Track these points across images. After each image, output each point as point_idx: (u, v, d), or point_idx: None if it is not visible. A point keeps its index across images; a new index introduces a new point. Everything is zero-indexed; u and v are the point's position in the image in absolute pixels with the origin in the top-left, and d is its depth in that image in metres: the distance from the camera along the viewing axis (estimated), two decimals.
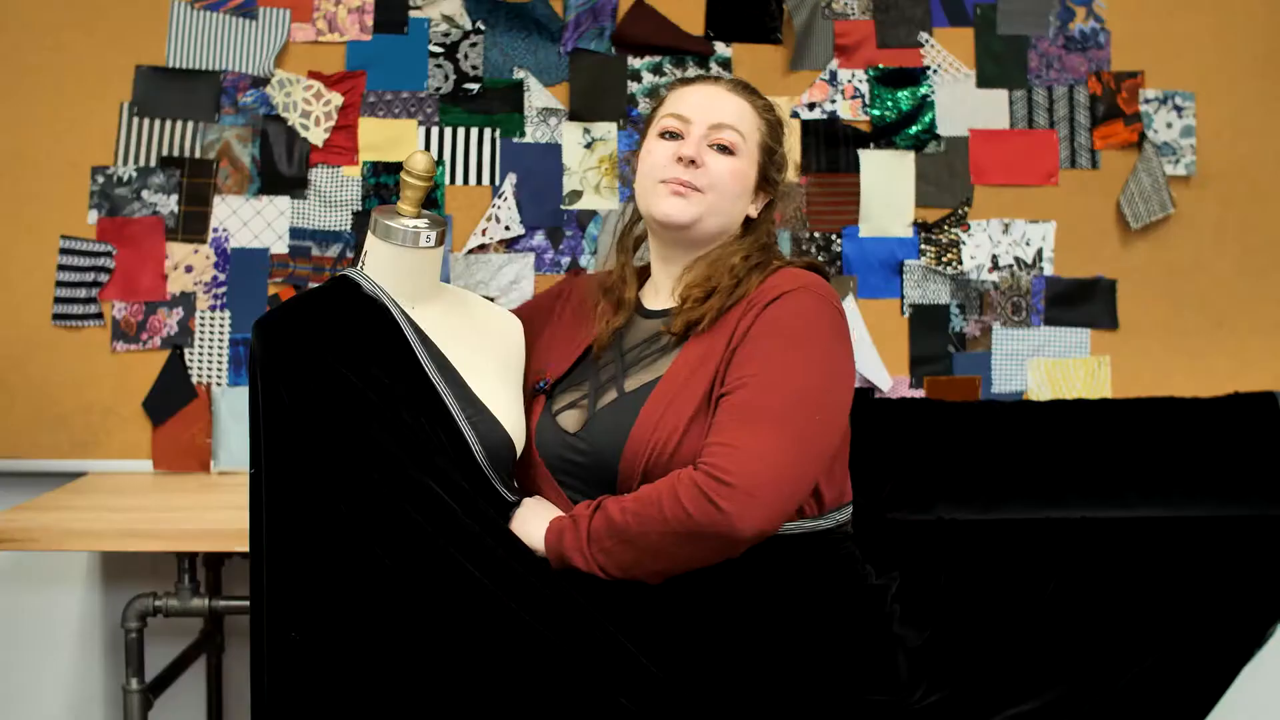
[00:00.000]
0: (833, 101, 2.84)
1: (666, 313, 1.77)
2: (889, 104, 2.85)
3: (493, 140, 2.82)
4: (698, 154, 1.72)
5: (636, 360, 1.74)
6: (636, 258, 1.89)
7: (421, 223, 1.62)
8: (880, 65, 2.86)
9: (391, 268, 1.62)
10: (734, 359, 1.62)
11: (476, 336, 1.76)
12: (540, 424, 1.76)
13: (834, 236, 2.83)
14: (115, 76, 2.76)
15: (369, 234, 1.64)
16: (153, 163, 2.76)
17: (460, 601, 1.48)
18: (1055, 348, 2.84)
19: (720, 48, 2.85)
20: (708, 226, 1.75)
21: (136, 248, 2.75)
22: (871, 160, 2.84)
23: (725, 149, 1.74)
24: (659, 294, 1.83)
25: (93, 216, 2.75)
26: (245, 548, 2.19)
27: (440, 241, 1.65)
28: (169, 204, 2.76)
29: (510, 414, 1.71)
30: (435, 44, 2.82)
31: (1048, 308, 2.84)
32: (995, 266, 2.84)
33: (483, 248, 2.79)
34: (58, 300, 2.73)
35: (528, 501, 1.68)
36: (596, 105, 2.83)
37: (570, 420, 1.74)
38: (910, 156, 2.85)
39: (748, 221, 1.81)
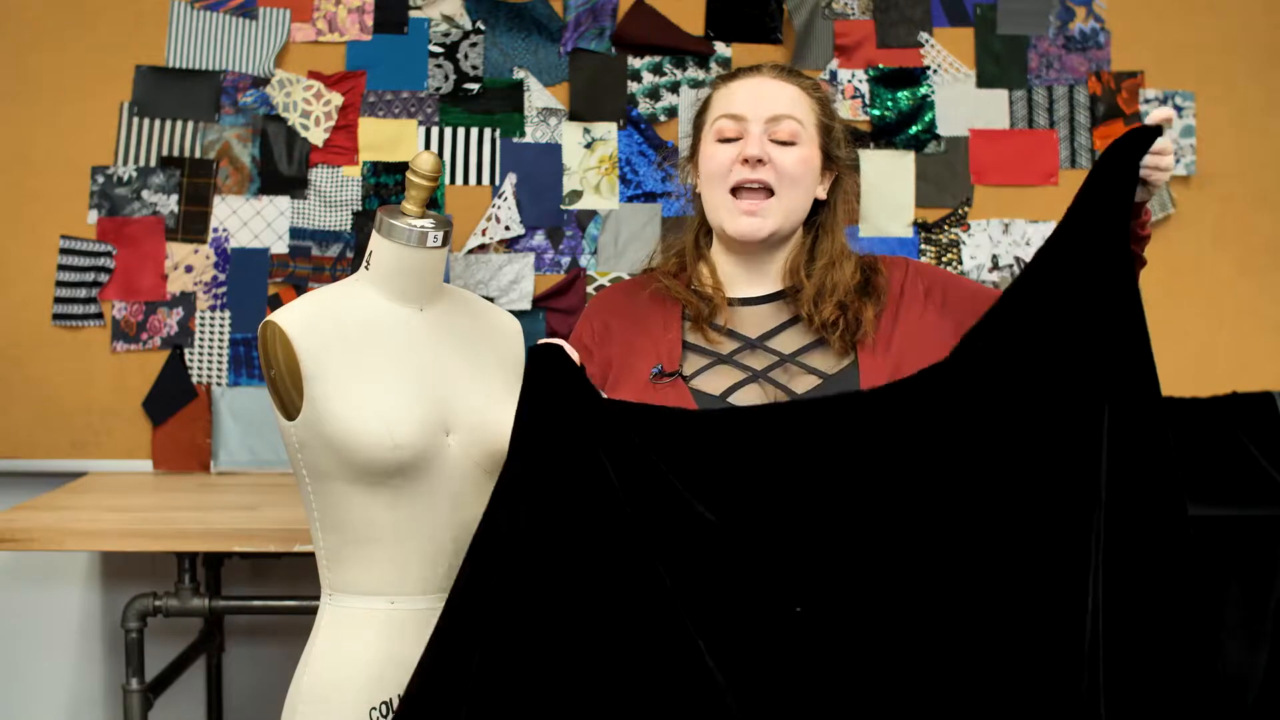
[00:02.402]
0: (832, 101, 2.84)
1: (777, 295, 1.74)
2: (889, 104, 2.85)
3: (493, 140, 2.82)
4: (762, 152, 1.69)
5: (803, 350, 1.69)
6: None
7: (428, 222, 1.62)
8: (880, 65, 2.86)
9: (397, 267, 1.62)
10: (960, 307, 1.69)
11: (478, 336, 1.76)
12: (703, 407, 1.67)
13: None
14: (115, 76, 2.76)
15: (374, 234, 1.64)
16: (153, 163, 2.76)
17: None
18: None
19: (720, 48, 2.85)
20: (783, 229, 1.73)
21: (136, 248, 2.75)
22: (871, 160, 2.84)
23: (787, 141, 1.71)
24: (747, 283, 1.76)
25: (93, 216, 2.75)
26: (244, 548, 2.22)
27: (447, 242, 1.65)
28: (169, 204, 2.76)
29: (511, 414, 1.71)
30: (435, 44, 2.82)
31: None
32: (995, 266, 2.84)
33: (483, 248, 2.79)
34: (58, 300, 2.73)
35: None
36: (596, 105, 2.83)
37: (751, 399, 1.66)
38: (910, 156, 2.85)
39: (816, 205, 1.78)
